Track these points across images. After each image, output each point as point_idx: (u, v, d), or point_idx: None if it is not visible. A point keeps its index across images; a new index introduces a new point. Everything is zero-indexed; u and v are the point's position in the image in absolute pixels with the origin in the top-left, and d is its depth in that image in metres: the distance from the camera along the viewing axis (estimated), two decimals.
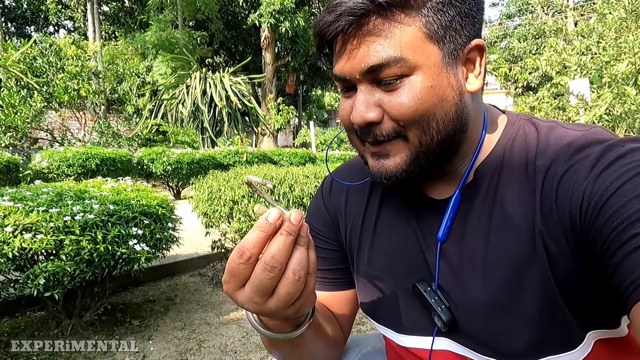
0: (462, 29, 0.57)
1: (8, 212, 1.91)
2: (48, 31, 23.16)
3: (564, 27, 7.90)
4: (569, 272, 0.55)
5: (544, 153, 0.59)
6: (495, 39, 25.01)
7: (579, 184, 0.52)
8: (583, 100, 5.34)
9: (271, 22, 13.71)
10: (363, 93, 0.58)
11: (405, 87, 0.56)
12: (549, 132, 0.61)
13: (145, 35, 14.80)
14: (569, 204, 0.53)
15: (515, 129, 0.65)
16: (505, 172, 0.62)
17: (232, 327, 2.48)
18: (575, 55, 5.92)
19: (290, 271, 0.49)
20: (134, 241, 2.11)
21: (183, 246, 2.78)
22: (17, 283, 1.94)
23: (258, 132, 14.32)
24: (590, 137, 0.57)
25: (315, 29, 0.59)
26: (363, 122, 0.58)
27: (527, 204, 0.58)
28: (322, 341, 0.73)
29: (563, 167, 0.55)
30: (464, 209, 0.64)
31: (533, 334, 0.56)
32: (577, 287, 0.55)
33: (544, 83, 10.54)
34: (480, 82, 0.60)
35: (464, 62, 0.59)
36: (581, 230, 0.52)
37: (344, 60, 0.58)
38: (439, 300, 0.63)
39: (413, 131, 0.57)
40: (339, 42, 0.58)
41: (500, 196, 0.61)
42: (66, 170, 6.27)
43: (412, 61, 0.55)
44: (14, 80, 9.62)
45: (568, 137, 0.59)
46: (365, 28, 0.55)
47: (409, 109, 0.56)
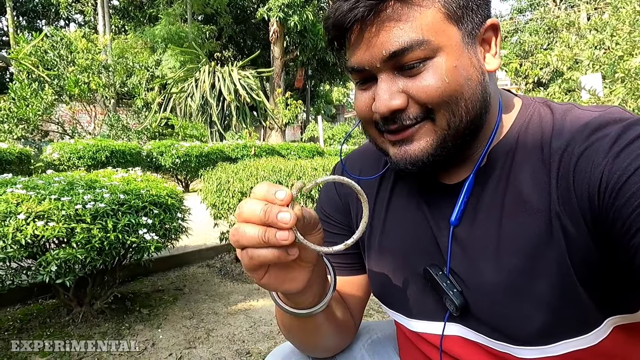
0: (478, 8, 0.58)
1: (21, 200, 1.94)
2: (59, 25, 23.33)
3: (577, 21, 7.78)
4: (586, 254, 0.54)
5: (560, 134, 0.58)
6: (506, 34, 24.73)
7: (597, 163, 0.51)
8: (595, 96, 5.27)
9: (280, 16, 13.68)
10: (385, 82, 0.57)
11: (429, 70, 0.55)
12: (564, 114, 0.60)
13: (154, 29, 14.86)
14: (587, 185, 0.52)
15: (530, 111, 0.64)
16: (519, 155, 0.61)
17: (239, 317, 2.50)
18: (588, 50, 5.84)
19: (245, 251, 0.50)
20: (143, 230, 2.13)
21: (192, 237, 2.80)
22: (30, 270, 1.98)
23: (266, 127, 14.33)
24: (608, 117, 0.56)
25: (328, 20, 0.58)
26: (388, 110, 0.57)
27: (542, 186, 0.57)
28: (333, 325, 0.73)
29: (580, 147, 0.54)
30: (476, 192, 0.63)
31: (547, 319, 0.56)
32: (594, 270, 0.54)
33: (555, 79, 10.40)
34: (498, 61, 0.61)
35: (480, 42, 0.60)
36: (600, 210, 0.51)
37: (362, 49, 0.56)
38: (450, 285, 0.63)
39: (441, 114, 0.57)
40: (356, 31, 0.56)
41: (513, 179, 0.60)
42: (76, 162, 6.34)
43: (435, 43, 0.54)
44: (26, 74, 9.73)
45: (585, 117, 0.58)
46: (384, 13, 0.54)
47: (437, 89, 0.55)
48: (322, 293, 0.65)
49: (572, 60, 6.21)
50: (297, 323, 0.70)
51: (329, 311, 0.71)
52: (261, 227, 0.47)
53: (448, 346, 0.67)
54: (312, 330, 0.71)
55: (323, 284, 0.65)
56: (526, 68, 9.82)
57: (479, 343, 0.64)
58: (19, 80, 9.24)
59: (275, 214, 0.47)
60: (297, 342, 0.78)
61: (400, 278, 0.71)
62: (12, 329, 2.29)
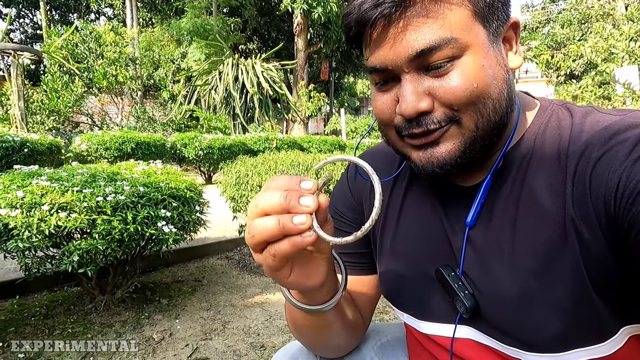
0: (502, 6, 0.57)
1: (45, 192, 2.00)
2: (89, 18, 23.96)
3: (612, 12, 7.44)
4: (601, 261, 0.52)
5: (578, 138, 0.56)
6: (538, 24, 23.90)
7: (614, 169, 0.50)
8: (630, 89, 5.03)
9: (304, 7, 13.62)
10: (410, 82, 0.54)
11: (457, 70, 0.53)
12: (583, 117, 0.58)
13: (180, 22, 15.06)
14: (604, 190, 0.50)
15: (548, 113, 0.63)
16: (535, 158, 0.60)
17: (256, 310, 2.53)
18: (624, 41, 5.58)
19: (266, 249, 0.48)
20: (162, 223, 2.17)
21: (211, 229, 2.84)
22: (54, 259, 2.04)
23: (289, 119, 14.37)
24: (628, 121, 0.54)
25: (350, 15, 0.55)
26: (415, 112, 0.55)
27: (558, 190, 0.55)
28: (342, 324, 0.73)
29: (598, 151, 0.52)
30: (491, 195, 0.62)
31: (561, 326, 0.54)
32: (609, 277, 0.52)
33: (588, 71, 10.01)
34: (520, 59, 0.60)
35: (503, 40, 0.59)
36: (616, 217, 0.49)
37: (386, 47, 0.54)
38: (462, 286, 0.62)
39: (468, 115, 0.55)
40: (380, 28, 0.53)
41: (529, 182, 0.59)
42: (104, 153, 6.51)
43: (463, 41, 0.52)
44: (57, 66, 10.04)
45: (604, 121, 0.56)
46: (412, 10, 0.51)
47: (465, 91, 0.53)
48: (334, 290, 0.65)
49: (607, 52, 5.95)
50: (308, 320, 0.70)
51: (340, 309, 0.71)
52: (276, 216, 0.46)
53: (459, 349, 0.66)
54: (323, 328, 0.71)
55: (335, 281, 0.65)
56: (558, 60, 9.48)
57: (490, 347, 0.63)
58: (50, 72, 9.56)
59: (296, 198, 0.46)
60: (307, 340, 0.78)
61: (411, 279, 0.71)
62: (38, 315, 2.38)
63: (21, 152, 5.10)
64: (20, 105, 6.81)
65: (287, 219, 0.46)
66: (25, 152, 5.14)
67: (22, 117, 6.84)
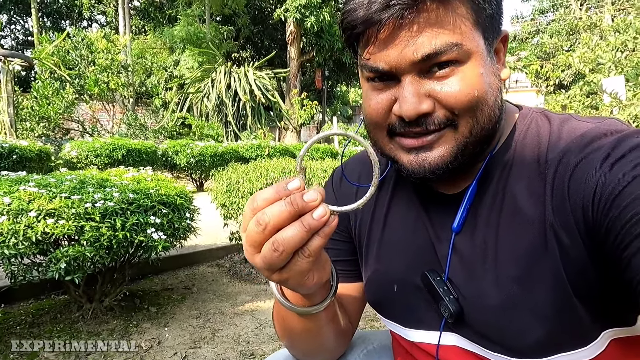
0: (499, 19, 0.59)
1: (33, 198, 1.98)
2: (82, 25, 23.88)
3: (599, 23, 7.59)
4: (581, 266, 0.53)
5: (556, 145, 0.58)
6: (527, 35, 24.30)
7: (591, 175, 0.51)
8: (617, 99, 5.12)
9: (297, 16, 13.72)
10: (412, 84, 0.55)
11: (458, 75, 0.54)
12: (561, 125, 0.60)
13: (173, 30, 15.08)
14: (582, 196, 0.51)
15: (527, 121, 0.64)
16: (516, 165, 0.61)
17: (246, 318, 2.51)
18: (610, 52, 5.69)
19: (300, 255, 0.47)
20: (151, 229, 2.15)
21: (202, 236, 2.82)
22: (41, 266, 2.01)
23: (281, 127, 14.38)
24: (604, 129, 0.55)
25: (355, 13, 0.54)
26: (416, 114, 0.55)
27: (538, 197, 0.56)
28: (333, 329, 0.73)
29: (575, 158, 0.54)
30: (475, 201, 0.63)
31: (544, 331, 0.55)
32: (589, 282, 0.53)
33: (576, 81, 10.17)
34: (508, 70, 0.62)
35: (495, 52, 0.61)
36: (594, 222, 0.50)
37: (392, 48, 0.53)
38: (447, 291, 0.62)
39: (466, 120, 0.56)
40: (387, 30, 0.52)
41: (510, 189, 0.60)
42: (94, 160, 6.46)
43: (467, 48, 0.54)
44: (48, 73, 9.98)
45: (580, 128, 0.58)
46: (422, 14, 0.52)
47: (466, 96, 0.54)
48: (327, 291, 0.65)
49: (594, 62, 6.06)
50: (301, 324, 0.69)
51: (332, 312, 0.71)
52: (296, 222, 0.45)
53: (444, 356, 0.66)
54: (314, 332, 0.71)
55: (328, 281, 0.65)
56: (547, 70, 9.62)
57: (476, 353, 0.63)
58: (41, 79, 9.49)
59: (301, 198, 0.45)
60: (297, 346, 0.77)
61: (396, 287, 0.71)
62: (24, 324, 2.34)
63: (10, 159, 5.04)
64: (9, 111, 6.75)
65: (309, 219, 0.45)
66: (14, 158, 5.09)
67: (11, 123, 6.77)
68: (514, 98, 9.79)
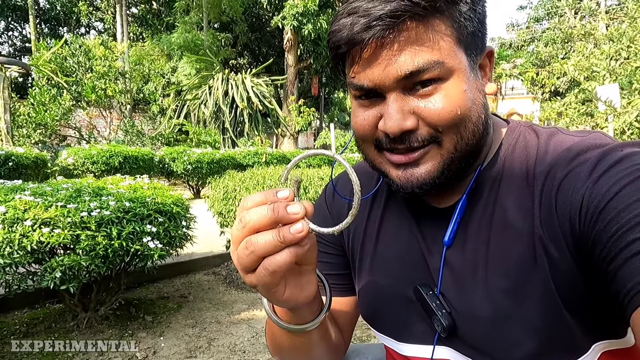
0: (482, 36, 0.60)
1: (28, 207, 1.97)
2: (80, 32, 23.91)
3: (594, 31, 7.67)
4: (570, 279, 0.54)
5: (543, 159, 0.59)
6: (523, 43, 24.50)
7: (577, 188, 0.52)
8: (611, 107, 5.16)
9: (294, 24, 13.79)
10: (396, 101, 0.56)
11: (441, 92, 0.55)
12: (548, 139, 0.61)
13: (171, 37, 15.12)
14: (569, 209, 0.52)
15: (515, 135, 0.65)
16: (505, 179, 0.62)
17: (242, 326, 2.50)
18: (604, 60, 5.74)
19: (262, 266, 0.47)
20: (148, 238, 2.15)
21: (198, 244, 2.81)
22: (36, 275, 2.00)
23: (278, 134, 14.40)
24: (589, 142, 0.57)
25: (339, 34, 0.55)
26: (400, 131, 0.56)
27: (527, 210, 0.57)
28: (325, 346, 0.73)
29: (562, 172, 0.55)
30: (466, 215, 0.64)
31: (535, 343, 0.55)
32: (578, 294, 0.54)
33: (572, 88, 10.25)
34: (494, 85, 0.63)
35: (478, 67, 0.61)
36: (581, 235, 0.51)
37: (375, 68, 0.55)
38: (440, 305, 0.63)
39: (449, 136, 0.57)
40: (370, 49, 0.54)
41: (500, 202, 0.61)
42: (90, 167, 6.45)
43: (448, 65, 0.54)
44: (45, 80, 9.98)
45: (567, 142, 0.59)
46: (404, 33, 0.53)
47: (449, 113, 0.55)
48: (318, 308, 0.65)
49: (588, 70, 6.11)
50: (293, 342, 0.69)
51: (324, 329, 0.70)
52: (273, 230, 0.46)
53: None
54: (307, 349, 0.71)
55: (319, 299, 0.65)
56: (543, 77, 9.69)
57: None
58: (38, 86, 9.49)
59: (284, 208, 0.46)
60: None
61: (389, 300, 0.71)
62: (17, 333, 2.32)
63: (6, 166, 5.03)
64: (6, 118, 6.74)
65: (285, 231, 0.46)
66: (10, 165, 5.07)
67: (7, 130, 6.76)
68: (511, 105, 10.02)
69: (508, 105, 24.74)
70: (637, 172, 0.48)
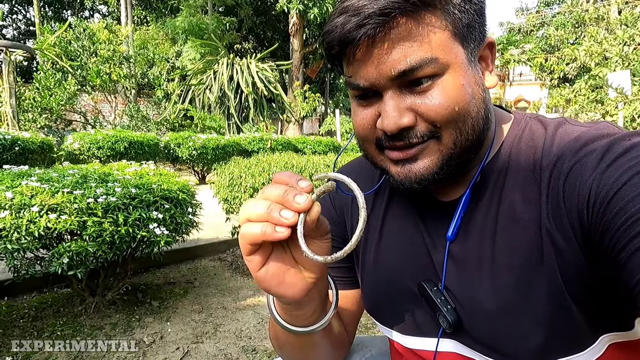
0: (480, 27, 0.58)
1: (35, 193, 1.97)
2: (84, 15, 23.76)
3: (607, 16, 7.51)
4: (578, 270, 0.53)
5: (550, 150, 0.58)
6: (532, 28, 24.06)
7: (585, 179, 0.52)
8: (623, 94, 5.07)
9: (300, 8, 13.61)
10: (393, 99, 0.55)
11: (438, 88, 0.54)
12: (555, 129, 0.61)
13: (175, 21, 14.99)
14: (577, 200, 0.52)
15: (522, 126, 0.64)
16: (511, 171, 0.61)
17: (248, 313, 2.51)
18: (617, 46, 5.62)
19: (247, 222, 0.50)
20: (154, 225, 2.15)
21: (204, 231, 2.82)
22: (43, 261, 2.01)
23: (283, 119, 14.34)
24: (596, 132, 0.56)
25: (332, 34, 0.55)
26: (397, 128, 0.56)
27: (534, 202, 0.57)
28: (329, 343, 0.73)
29: (569, 162, 0.55)
30: (470, 209, 0.63)
31: (542, 336, 0.55)
32: (586, 286, 0.54)
33: (581, 75, 10.08)
34: (495, 78, 0.61)
35: (479, 60, 0.60)
36: (589, 225, 0.51)
37: (369, 66, 0.54)
38: (444, 301, 0.63)
39: (449, 132, 0.56)
40: (362, 48, 0.54)
41: (506, 195, 0.60)
42: (96, 152, 6.46)
43: (443, 60, 0.54)
44: (50, 64, 9.95)
45: (574, 132, 0.58)
46: (394, 31, 0.52)
47: (446, 108, 0.54)
48: (322, 310, 0.64)
49: (600, 56, 5.99)
50: (294, 340, 0.69)
51: (328, 328, 0.70)
52: (267, 202, 0.49)
53: None
54: (309, 347, 0.71)
55: (323, 302, 0.64)
56: (552, 63, 9.53)
57: (474, 359, 0.63)
58: (43, 70, 9.46)
59: (292, 195, 0.48)
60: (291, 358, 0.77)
61: (393, 294, 0.71)
62: (27, 317, 2.35)
63: (12, 151, 5.04)
64: (11, 102, 6.74)
65: (275, 208, 0.48)
66: (16, 150, 5.08)
67: (13, 114, 6.76)
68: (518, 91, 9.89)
69: (516, 92, 24.42)
70: None
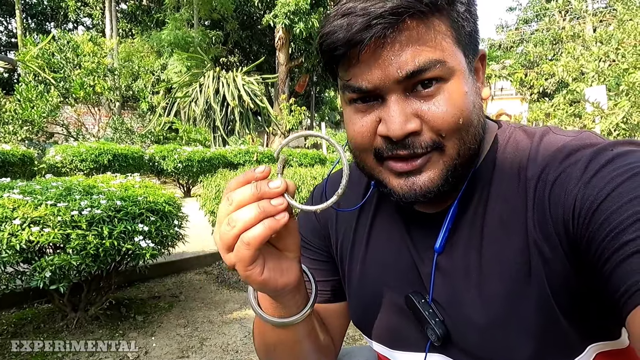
0: (476, 37, 0.59)
1: (17, 205, 1.94)
2: (67, 28, 23.55)
3: (582, 33, 7.78)
4: (564, 280, 0.53)
5: (535, 160, 0.58)
6: (512, 44, 24.74)
7: (570, 189, 0.52)
8: (599, 108, 5.24)
9: (286, 22, 13.75)
10: (398, 103, 0.53)
11: (443, 94, 0.53)
12: (540, 139, 0.61)
13: (161, 34, 14.96)
14: (562, 211, 0.52)
15: (506, 137, 0.64)
16: (496, 181, 0.61)
17: (234, 326, 2.48)
18: (593, 62, 5.82)
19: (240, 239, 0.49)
20: (139, 237, 2.12)
21: (190, 244, 2.79)
22: (24, 275, 1.97)
23: (270, 132, 14.35)
24: (580, 142, 0.56)
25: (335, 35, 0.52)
26: (403, 134, 0.53)
27: (519, 213, 0.57)
28: (313, 345, 0.72)
29: (554, 173, 0.55)
30: (456, 220, 0.62)
31: (531, 347, 0.55)
32: (573, 295, 0.54)
33: (560, 89, 10.36)
34: (487, 89, 0.62)
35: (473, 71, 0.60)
36: (575, 236, 0.51)
37: (374, 67, 0.52)
38: (432, 313, 0.62)
39: (452, 142, 0.55)
40: (369, 50, 0.52)
41: (491, 206, 0.60)
42: (79, 165, 6.36)
43: (450, 64, 0.53)
44: (32, 76, 9.80)
45: (558, 142, 0.58)
46: (403, 32, 0.51)
47: (453, 116, 0.53)
48: (304, 303, 0.65)
49: (577, 72, 6.19)
50: (279, 336, 0.68)
51: (311, 326, 0.70)
52: (254, 204, 0.49)
53: None
54: (293, 345, 0.70)
55: (305, 294, 0.65)
56: (531, 78, 9.78)
57: None
58: (25, 82, 9.31)
59: (266, 184, 0.49)
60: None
61: (381, 308, 0.70)
62: (5, 334, 2.28)
63: None
64: None
65: (265, 203, 0.48)
66: None
67: None
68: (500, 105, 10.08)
69: (497, 106, 24.92)
70: (629, 171, 0.48)
